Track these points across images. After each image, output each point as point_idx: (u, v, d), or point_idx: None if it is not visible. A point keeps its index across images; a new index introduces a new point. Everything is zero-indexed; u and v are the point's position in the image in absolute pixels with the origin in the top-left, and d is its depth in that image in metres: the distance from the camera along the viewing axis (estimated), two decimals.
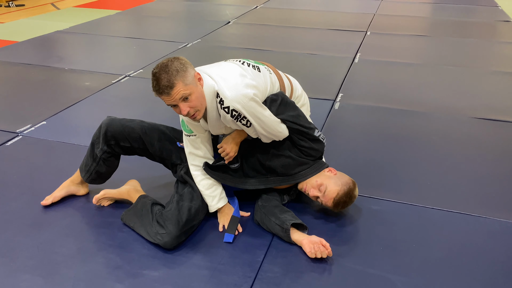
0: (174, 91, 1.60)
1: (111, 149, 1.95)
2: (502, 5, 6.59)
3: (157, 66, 1.64)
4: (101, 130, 1.94)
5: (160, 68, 1.62)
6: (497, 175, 2.32)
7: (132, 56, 4.29)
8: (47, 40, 4.79)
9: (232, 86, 1.70)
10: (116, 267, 1.69)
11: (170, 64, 1.61)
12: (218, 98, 1.70)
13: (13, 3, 6.71)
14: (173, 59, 1.64)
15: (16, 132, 2.70)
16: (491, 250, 1.79)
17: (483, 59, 4.21)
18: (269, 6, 6.52)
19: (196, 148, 1.89)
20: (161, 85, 1.59)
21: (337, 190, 1.83)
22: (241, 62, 1.86)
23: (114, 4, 6.77)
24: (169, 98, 1.62)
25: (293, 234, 1.78)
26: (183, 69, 1.62)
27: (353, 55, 4.21)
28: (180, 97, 1.61)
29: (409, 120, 2.92)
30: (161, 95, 1.63)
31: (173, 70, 1.60)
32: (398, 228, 1.91)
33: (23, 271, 1.67)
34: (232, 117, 1.71)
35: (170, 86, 1.59)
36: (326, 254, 1.69)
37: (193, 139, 1.88)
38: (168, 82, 1.59)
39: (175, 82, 1.59)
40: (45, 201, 2.02)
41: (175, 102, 1.63)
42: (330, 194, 1.83)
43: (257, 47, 4.47)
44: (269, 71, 1.92)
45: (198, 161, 1.91)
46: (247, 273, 1.66)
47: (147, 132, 1.97)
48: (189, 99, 1.64)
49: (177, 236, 1.75)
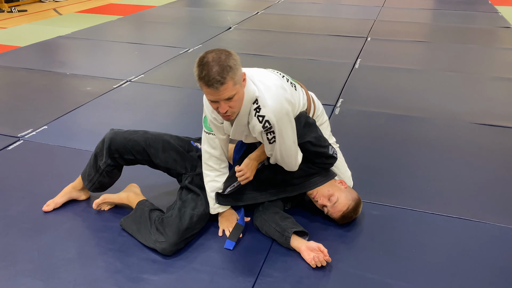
0: (223, 88, 1.50)
1: (115, 162, 1.94)
2: (502, 12, 6.61)
3: (208, 55, 1.51)
4: (105, 144, 1.93)
5: (213, 58, 1.49)
6: (497, 180, 2.32)
7: (134, 61, 4.31)
8: (49, 45, 4.82)
9: (274, 97, 1.64)
10: (116, 271, 1.69)
11: (225, 57, 1.50)
12: (255, 105, 1.63)
13: (16, 8, 6.75)
14: (227, 53, 1.52)
15: (18, 137, 2.71)
16: (491, 256, 1.79)
17: (483, 65, 4.22)
18: (270, 12, 6.55)
19: (213, 147, 1.83)
20: (211, 77, 1.48)
21: (347, 204, 1.85)
22: (281, 75, 1.82)
23: (116, 10, 6.81)
24: (214, 93, 1.51)
25: (292, 241, 1.78)
26: (236, 67, 1.52)
27: (354, 61, 4.23)
28: (226, 96, 1.53)
29: (409, 126, 2.93)
30: (208, 87, 1.51)
31: (227, 65, 1.49)
32: (398, 233, 1.91)
33: (23, 275, 1.67)
34: (263, 128, 1.64)
35: (221, 82, 1.48)
36: (325, 262, 1.69)
37: (212, 138, 1.82)
38: (220, 77, 1.48)
39: (226, 79, 1.49)
40: (47, 207, 2.02)
41: (218, 99, 1.53)
42: (340, 207, 1.85)
43: (258, 53, 4.49)
44: (303, 91, 1.89)
45: (213, 161, 1.86)
46: (246, 278, 1.66)
47: (151, 143, 1.94)
48: (232, 99, 1.55)
49: (176, 244, 1.75)
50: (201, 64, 1.50)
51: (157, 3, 7.24)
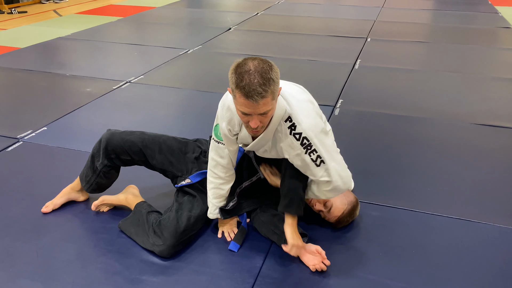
0: (262, 102, 1.38)
1: (111, 162, 1.94)
2: (502, 12, 6.61)
3: (249, 62, 1.40)
4: (102, 144, 1.93)
5: (255, 67, 1.38)
6: (496, 181, 2.31)
7: (133, 62, 4.31)
8: (49, 46, 4.82)
9: (306, 112, 1.56)
10: (114, 272, 1.69)
11: (268, 68, 1.39)
12: (289, 123, 1.54)
13: (16, 10, 6.75)
14: (269, 64, 1.41)
15: (17, 138, 2.71)
16: (490, 256, 1.79)
17: (483, 65, 4.21)
18: (270, 13, 6.55)
19: (221, 156, 1.76)
20: (252, 88, 1.36)
21: (342, 209, 1.85)
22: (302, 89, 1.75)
23: (116, 11, 6.81)
24: (251, 106, 1.39)
25: None
26: (277, 81, 1.41)
27: (354, 62, 4.23)
28: (263, 111, 1.41)
29: (409, 126, 2.92)
30: (246, 99, 1.38)
31: (270, 77, 1.37)
32: (398, 234, 1.91)
33: (22, 277, 1.67)
34: (302, 145, 1.54)
35: (262, 95, 1.36)
36: (326, 267, 1.68)
37: (221, 148, 1.74)
38: (262, 89, 1.36)
39: (267, 92, 1.37)
40: (46, 209, 2.02)
41: (253, 112, 1.42)
42: (335, 212, 1.85)
43: (258, 54, 4.49)
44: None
45: (219, 169, 1.79)
46: (246, 279, 1.66)
47: (148, 144, 1.94)
48: (266, 115, 1.44)
49: (174, 246, 1.75)
50: (241, 72, 1.38)
51: (157, 4, 7.25)
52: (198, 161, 1.97)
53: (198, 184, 1.93)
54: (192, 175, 1.93)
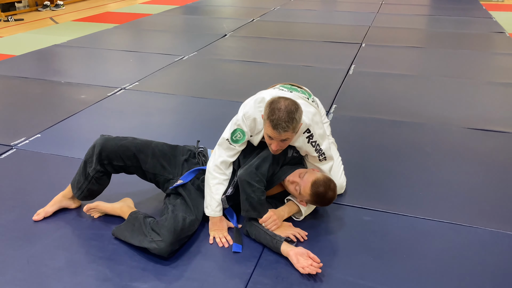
0: (284, 134, 1.74)
1: (104, 168, 1.96)
2: (496, 17, 6.65)
3: (282, 101, 1.74)
4: (95, 150, 1.95)
5: (285, 106, 1.72)
6: (488, 185, 2.32)
7: (128, 69, 4.32)
8: (45, 54, 4.83)
9: (318, 124, 1.93)
10: (105, 279, 1.68)
11: (294, 110, 1.73)
12: (308, 133, 1.90)
13: (12, 17, 6.78)
14: (296, 106, 1.75)
15: (10, 145, 2.71)
16: (482, 260, 1.79)
17: (477, 70, 4.24)
18: (265, 19, 6.58)
19: (230, 156, 1.96)
20: (279, 122, 1.71)
21: (316, 175, 1.87)
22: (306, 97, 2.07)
23: (112, 18, 6.84)
24: (275, 134, 1.75)
25: (281, 245, 1.78)
26: (299, 121, 1.77)
27: (348, 67, 4.24)
28: (283, 139, 1.77)
29: (403, 131, 2.93)
30: (272, 129, 1.74)
31: (294, 117, 1.73)
32: (389, 239, 1.91)
33: (13, 284, 1.66)
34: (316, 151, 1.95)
35: (285, 129, 1.72)
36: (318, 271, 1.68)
37: (234, 149, 1.95)
38: (286, 125, 1.71)
39: (290, 128, 1.73)
40: (37, 216, 2.01)
41: (276, 138, 1.77)
42: (310, 178, 1.86)
43: (253, 60, 4.51)
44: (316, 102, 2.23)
45: (224, 166, 1.95)
46: (237, 285, 1.66)
47: (141, 149, 1.98)
48: (285, 142, 1.81)
49: (172, 243, 1.75)
50: (273, 108, 1.73)
51: (153, 11, 7.29)
52: (187, 163, 2.05)
53: (190, 182, 1.98)
54: (183, 176, 2.00)
